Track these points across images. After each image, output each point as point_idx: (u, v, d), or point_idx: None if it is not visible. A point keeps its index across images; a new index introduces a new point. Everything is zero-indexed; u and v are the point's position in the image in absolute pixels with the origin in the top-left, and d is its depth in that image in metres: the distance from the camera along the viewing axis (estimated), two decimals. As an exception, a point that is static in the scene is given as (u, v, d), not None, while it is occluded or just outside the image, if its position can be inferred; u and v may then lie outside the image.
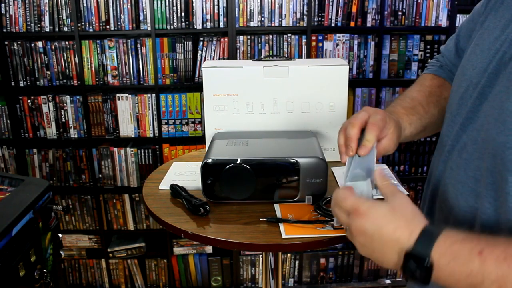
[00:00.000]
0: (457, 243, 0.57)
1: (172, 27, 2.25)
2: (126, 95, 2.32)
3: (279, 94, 1.33)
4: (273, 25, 2.27)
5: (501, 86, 0.67)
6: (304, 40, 2.29)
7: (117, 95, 2.32)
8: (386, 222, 0.62)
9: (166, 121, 2.35)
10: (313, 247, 1.29)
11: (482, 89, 0.71)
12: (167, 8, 2.23)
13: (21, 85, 2.31)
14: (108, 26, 2.25)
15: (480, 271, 0.54)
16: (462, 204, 0.73)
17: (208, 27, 2.26)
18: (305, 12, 2.25)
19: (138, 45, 2.28)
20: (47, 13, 2.23)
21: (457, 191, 0.73)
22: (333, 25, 2.28)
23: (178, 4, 2.23)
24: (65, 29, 2.24)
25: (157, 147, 2.39)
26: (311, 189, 1.08)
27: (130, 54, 2.28)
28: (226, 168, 1.05)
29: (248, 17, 2.25)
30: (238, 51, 2.29)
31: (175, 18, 2.24)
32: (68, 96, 2.33)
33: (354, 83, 2.36)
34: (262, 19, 2.25)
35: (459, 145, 0.74)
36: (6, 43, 2.25)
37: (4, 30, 2.24)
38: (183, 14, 2.24)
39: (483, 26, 0.79)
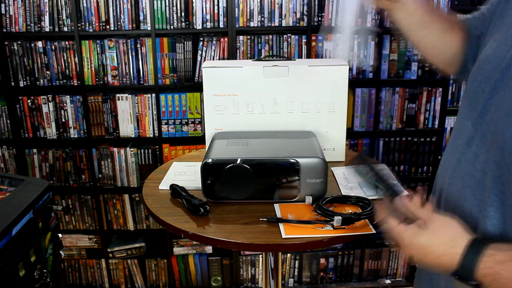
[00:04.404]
0: (498, 263, 0.61)
1: (172, 27, 2.25)
2: (126, 95, 2.32)
3: (279, 94, 1.33)
4: (273, 25, 2.27)
5: None
6: (304, 40, 2.29)
7: (117, 95, 2.32)
8: (428, 252, 0.67)
9: (166, 121, 2.35)
10: (313, 247, 1.29)
11: (495, 83, 0.71)
12: (167, 8, 2.23)
13: (21, 85, 2.31)
14: (108, 26, 2.24)
15: None
16: (469, 197, 0.73)
17: (208, 27, 2.26)
18: (305, 12, 2.25)
19: (138, 45, 2.28)
20: (47, 13, 2.23)
21: (465, 183, 0.74)
22: (333, 25, 2.27)
23: (178, 4, 2.23)
24: (65, 29, 2.24)
25: (157, 147, 2.39)
26: (311, 189, 1.08)
27: (130, 54, 2.28)
28: (226, 168, 1.05)
29: (248, 17, 2.25)
30: (238, 51, 2.29)
31: (175, 18, 2.24)
32: (68, 96, 2.33)
33: (354, 83, 2.36)
34: (262, 19, 2.25)
35: (468, 138, 0.74)
36: (6, 43, 2.25)
37: (4, 30, 2.24)
38: (183, 14, 2.24)
39: (503, 21, 0.78)
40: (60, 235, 1.44)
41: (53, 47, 2.27)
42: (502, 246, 0.64)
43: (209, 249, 2.58)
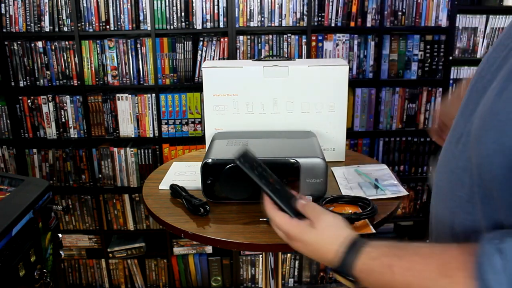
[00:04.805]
0: (372, 259, 0.68)
1: (172, 27, 2.25)
2: (126, 95, 2.32)
3: (279, 94, 1.33)
4: (273, 25, 2.27)
5: (496, 82, 0.68)
6: (304, 40, 2.29)
7: (117, 95, 2.32)
8: (313, 248, 0.75)
9: (166, 121, 2.35)
10: (313, 247, 1.29)
11: (486, 83, 0.71)
12: (167, 8, 2.23)
13: (21, 85, 2.31)
14: (108, 26, 2.24)
15: (391, 281, 0.65)
16: (449, 193, 0.74)
17: (208, 27, 2.26)
18: (305, 12, 2.25)
19: (138, 45, 2.28)
20: (47, 13, 2.23)
21: (449, 179, 0.75)
22: (333, 25, 2.28)
23: (178, 4, 2.23)
24: (65, 29, 2.24)
25: (157, 147, 2.39)
26: (311, 189, 1.08)
27: (130, 54, 2.28)
28: (226, 168, 1.05)
29: (248, 17, 2.25)
30: (238, 51, 2.29)
31: (175, 18, 2.24)
32: (68, 96, 2.33)
33: (354, 83, 2.36)
34: (262, 19, 2.25)
35: (459, 135, 0.75)
36: (6, 43, 2.25)
37: (4, 30, 2.24)
38: (183, 14, 2.24)
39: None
40: (60, 235, 1.44)
41: (53, 47, 2.27)
42: (377, 244, 0.69)
43: (209, 249, 2.58)
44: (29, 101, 2.32)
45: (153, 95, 2.32)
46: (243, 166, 0.85)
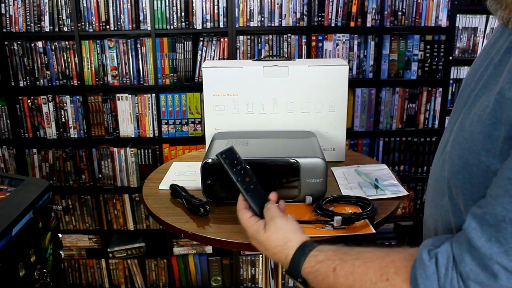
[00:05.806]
0: (318, 263, 0.70)
1: (172, 27, 2.25)
2: (126, 95, 2.32)
3: (279, 94, 1.34)
4: (273, 25, 2.27)
5: (474, 95, 0.67)
6: (304, 40, 2.29)
7: (117, 95, 2.32)
8: (265, 248, 0.79)
9: (166, 121, 2.35)
10: (313, 247, 1.28)
11: (470, 92, 0.71)
12: (167, 8, 2.23)
13: (21, 85, 2.31)
14: (108, 26, 2.24)
15: (334, 283, 0.67)
16: (431, 201, 0.75)
17: (208, 27, 2.26)
18: (305, 12, 2.25)
19: (138, 45, 2.28)
20: (47, 13, 2.23)
21: (434, 187, 0.75)
22: (333, 25, 2.28)
23: (178, 4, 2.23)
24: (65, 29, 2.24)
25: (157, 147, 2.39)
26: (311, 189, 1.08)
27: (130, 54, 2.28)
28: (226, 168, 1.05)
29: (248, 17, 2.25)
30: (238, 51, 2.29)
31: (175, 18, 2.24)
32: (68, 96, 2.33)
33: (354, 83, 2.36)
34: (262, 19, 2.25)
35: (444, 143, 0.75)
36: (6, 43, 2.25)
37: (4, 30, 2.24)
38: (183, 14, 2.24)
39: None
40: (60, 235, 1.44)
41: (53, 47, 2.27)
42: (324, 248, 0.72)
43: (209, 249, 2.58)
44: (29, 101, 2.32)
45: (153, 95, 2.32)
46: (223, 162, 0.89)
